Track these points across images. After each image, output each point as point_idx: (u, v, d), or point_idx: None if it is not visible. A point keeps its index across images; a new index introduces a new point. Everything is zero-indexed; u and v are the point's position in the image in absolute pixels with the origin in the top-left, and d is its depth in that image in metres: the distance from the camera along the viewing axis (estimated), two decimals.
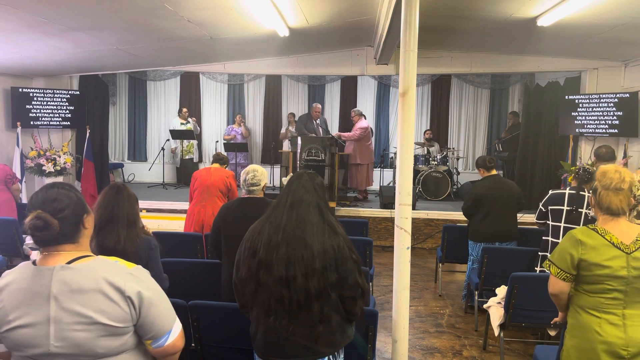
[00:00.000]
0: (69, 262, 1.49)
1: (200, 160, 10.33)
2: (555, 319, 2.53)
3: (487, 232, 4.46)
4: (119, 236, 2.52)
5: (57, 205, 1.49)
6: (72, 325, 1.42)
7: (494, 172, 4.62)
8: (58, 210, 1.48)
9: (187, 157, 9.75)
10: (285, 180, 5.80)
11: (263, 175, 3.15)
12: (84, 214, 1.56)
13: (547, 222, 3.80)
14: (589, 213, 3.65)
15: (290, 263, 1.89)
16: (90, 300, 1.44)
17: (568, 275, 2.17)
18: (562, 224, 3.69)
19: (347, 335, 2.04)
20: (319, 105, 8.39)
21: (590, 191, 2.25)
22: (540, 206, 3.84)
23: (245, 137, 9.95)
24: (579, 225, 3.61)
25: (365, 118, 8.38)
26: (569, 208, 3.65)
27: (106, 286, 1.46)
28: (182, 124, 9.55)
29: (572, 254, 2.13)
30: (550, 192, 3.84)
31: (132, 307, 1.48)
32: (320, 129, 8.25)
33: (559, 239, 3.67)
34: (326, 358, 1.97)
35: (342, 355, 2.06)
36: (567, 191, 3.72)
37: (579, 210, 3.62)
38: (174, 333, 1.59)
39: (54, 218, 1.47)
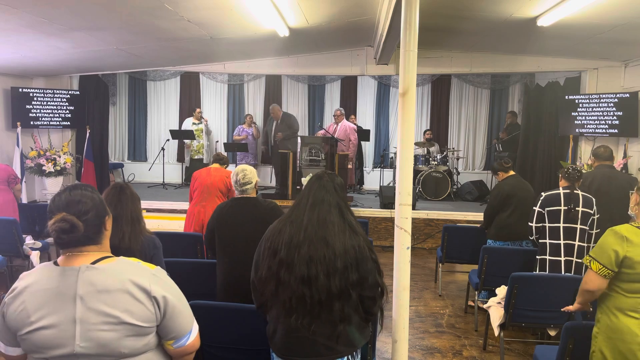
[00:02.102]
0: (93, 263, 1.49)
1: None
2: (569, 308, 2.51)
3: (515, 230, 4.40)
4: (124, 234, 2.53)
5: (82, 207, 1.48)
6: (98, 325, 1.42)
7: (512, 172, 4.61)
8: (83, 212, 1.48)
9: (196, 157, 9.74)
10: (305, 180, 5.81)
11: (253, 174, 3.19)
12: (106, 216, 1.57)
13: (544, 224, 3.77)
14: (588, 211, 3.66)
15: (312, 262, 1.91)
16: (117, 300, 1.44)
17: (610, 272, 2.15)
18: (562, 224, 3.68)
19: (365, 334, 2.06)
20: (275, 106, 8.24)
21: (634, 190, 2.24)
22: (538, 209, 3.79)
23: (257, 138, 9.92)
24: (577, 224, 3.62)
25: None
26: (566, 207, 3.65)
27: (132, 287, 1.47)
28: (194, 123, 9.57)
29: (617, 251, 2.12)
30: (543, 194, 3.81)
31: (157, 308, 1.50)
32: (273, 131, 8.19)
33: (559, 240, 3.67)
34: (345, 358, 1.98)
35: (359, 356, 2.07)
36: (562, 191, 3.71)
37: (577, 208, 3.62)
38: (193, 333, 1.63)
39: (79, 220, 1.46)
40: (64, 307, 1.43)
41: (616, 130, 6.57)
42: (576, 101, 6.95)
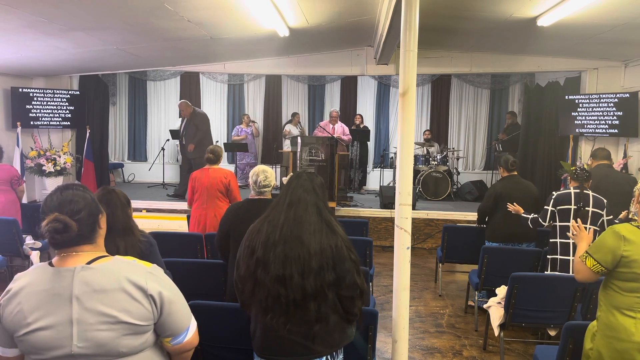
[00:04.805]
0: (89, 263, 1.49)
1: None
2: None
3: (506, 232, 4.43)
4: (118, 247, 2.51)
5: (74, 206, 1.48)
6: (95, 325, 1.43)
7: (515, 173, 4.63)
8: (75, 211, 1.48)
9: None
10: (285, 179, 5.84)
11: (272, 176, 3.19)
12: (99, 214, 1.57)
13: (554, 223, 3.78)
14: (597, 212, 3.66)
15: (287, 262, 1.90)
16: (114, 299, 1.45)
17: (603, 269, 2.18)
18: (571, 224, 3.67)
19: (347, 335, 2.04)
20: (182, 103, 7.83)
21: (635, 189, 2.26)
22: (549, 207, 3.80)
23: (256, 136, 9.92)
24: (588, 223, 3.63)
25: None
26: (576, 206, 3.66)
27: (128, 285, 1.47)
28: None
29: (614, 250, 2.14)
30: (555, 193, 3.83)
31: (154, 306, 1.50)
32: (181, 129, 7.97)
33: (569, 239, 3.66)
34: (324, 358, 1.97)
35: (341, 356, 2.06)
36: (572, 191, 3.74)
37: (587, 208, 3.64)
38: (191, 330, 1.63)
39: (72, 220, 1.46)
40: (61, 308, 1.42)
41: (616, 130, 6.57)
42: (576, 101, 6.95)
